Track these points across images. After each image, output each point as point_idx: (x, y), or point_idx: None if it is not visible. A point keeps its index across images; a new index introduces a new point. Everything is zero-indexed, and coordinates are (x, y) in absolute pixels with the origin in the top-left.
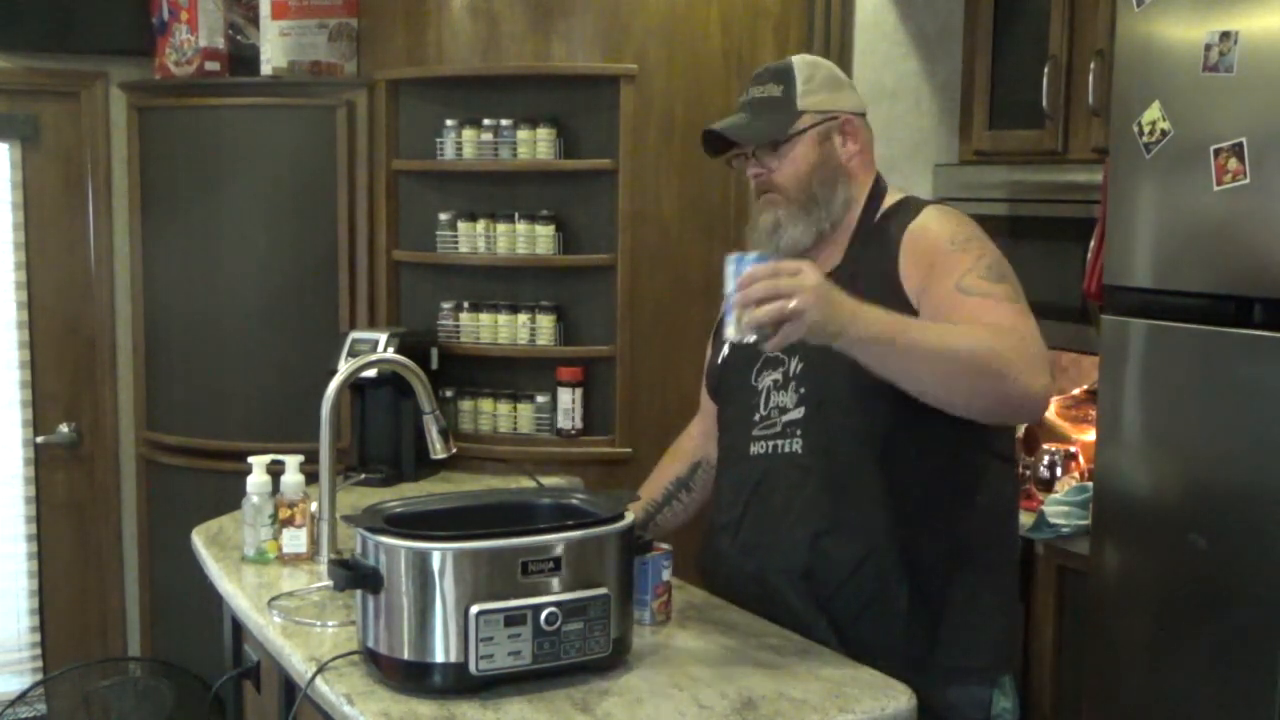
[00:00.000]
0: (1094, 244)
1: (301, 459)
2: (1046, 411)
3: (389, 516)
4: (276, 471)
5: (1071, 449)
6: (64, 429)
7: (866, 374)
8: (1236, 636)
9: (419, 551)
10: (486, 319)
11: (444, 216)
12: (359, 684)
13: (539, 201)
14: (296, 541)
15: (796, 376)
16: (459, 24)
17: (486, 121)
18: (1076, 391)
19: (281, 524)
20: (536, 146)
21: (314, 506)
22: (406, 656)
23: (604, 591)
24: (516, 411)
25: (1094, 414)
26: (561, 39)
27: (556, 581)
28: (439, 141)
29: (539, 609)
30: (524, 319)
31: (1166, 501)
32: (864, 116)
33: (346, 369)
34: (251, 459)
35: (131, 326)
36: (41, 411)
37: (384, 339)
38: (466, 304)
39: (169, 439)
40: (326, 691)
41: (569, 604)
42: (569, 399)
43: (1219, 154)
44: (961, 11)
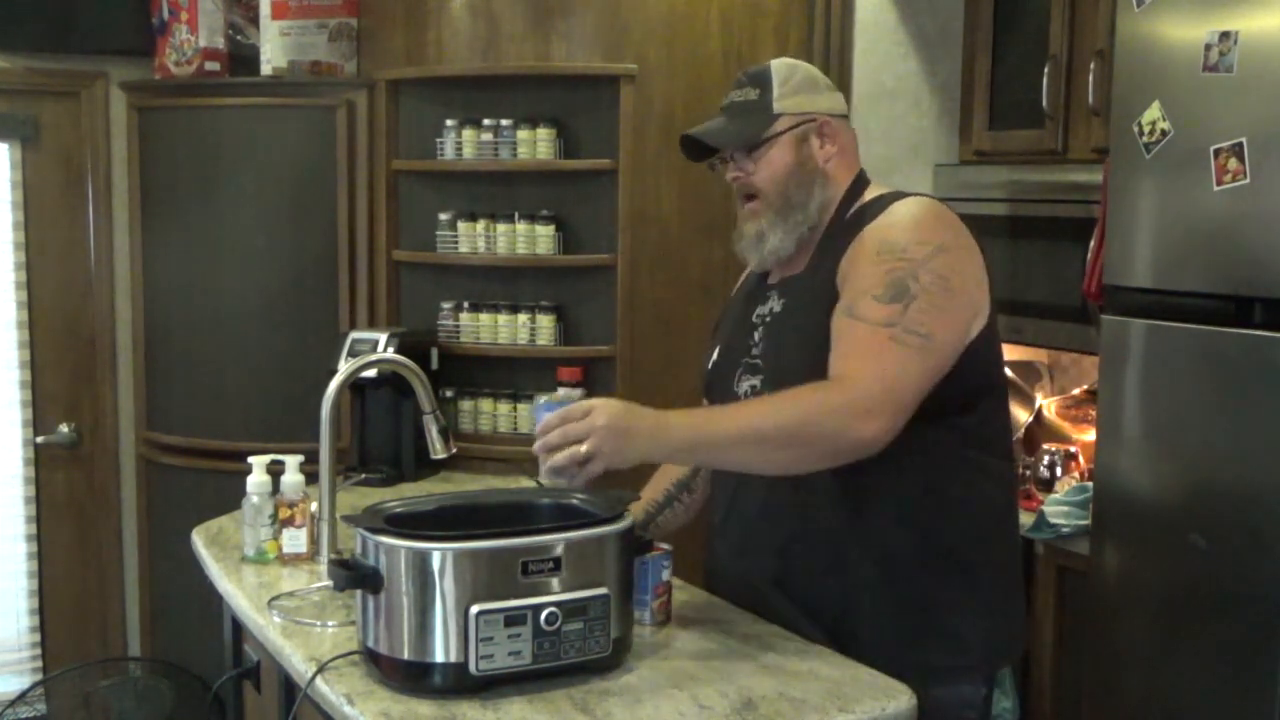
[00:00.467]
0: (1094, 244)
1: (301, 459)
2: (895, 434)
3: (389, 516)
4: (276, 471)
5: (1071, 449)
6: (64, 429)
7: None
8: (1236, 636)
9: (419, 551)
10: (486, 319)
11: (444, 216)
12: (359, 684)
13: (539, 201)
14: (296, 541)
15: (769, 381)
16: (459, 24)
17: (486, 121)
18: (1076, 391)
19: (281, 524)
20: (536, 146)
21: (314, 506)
22: (406, 656)
23: (604, 591)
24: (516, 411)
25: (1094, 414)
26: (561, 39)
27: (556, 581)
28: (439, 141)
29: (539, 609)
30: (524, 319)
31: (1166, 501)
32: (845, 118)
33: (346, 369)
34: (251, 459)
35: (131, 326)
36: (41, 411)
37: (384, 339)
38: (466, 304)
39: (169, 439)
40: (326, 691)
41: (569, 604)
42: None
43: (1219, 154)
44: (961, 11)
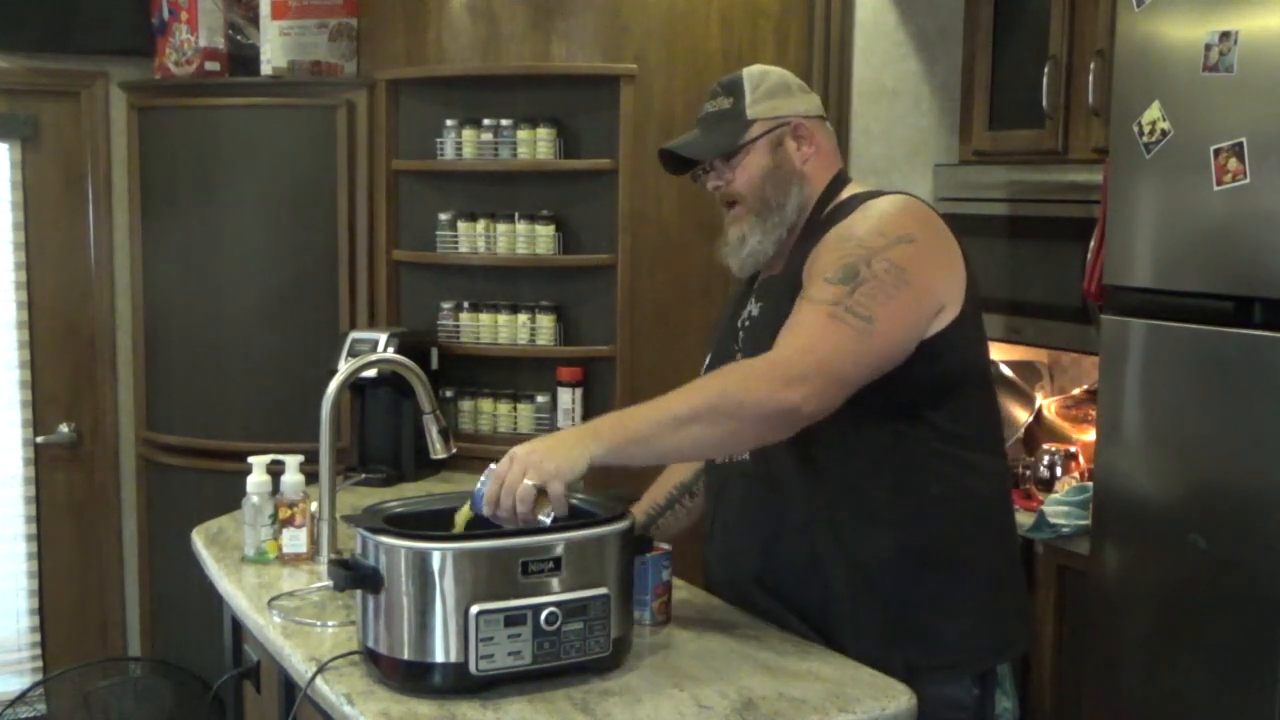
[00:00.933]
0: (1094, 244)
1: (301, 459)
2: (828, 406)
3: (389, 516)
4: (276, 471)
5: (1071, 449)
6: (64, 429)
7: None
8: (1236, 636)
9: (419, 551)
10: (486, 319)
11: (444, 216)
12: (359, 684)
13: (539, 201)
14: (296, 541)
15: None
16: (459, 24)
17: (486, 121)
18: (1076, 391)
19: (281, 524)
20: (536, 146)
21: (314, 506)
22: (406, 656)
23: (604, 591)
24: (516, 411)
25: (1094, 414)
26: (561, 39)
27: (556, 581)
28: (439, 141)
29: (539, 609)
30: (524, 319)
31: (1166, 501)
32: (821, 119)
33: (346, 369)
34: (251, 459)
35: (131, 326)
36: (41, 411)
37: (384, 339)
38: (466, 304)
39: (169, 439)
40: (326, 691)
41: (569, 604)
42: (569, 399)
43: (1219, 154)
44: (961, 11)
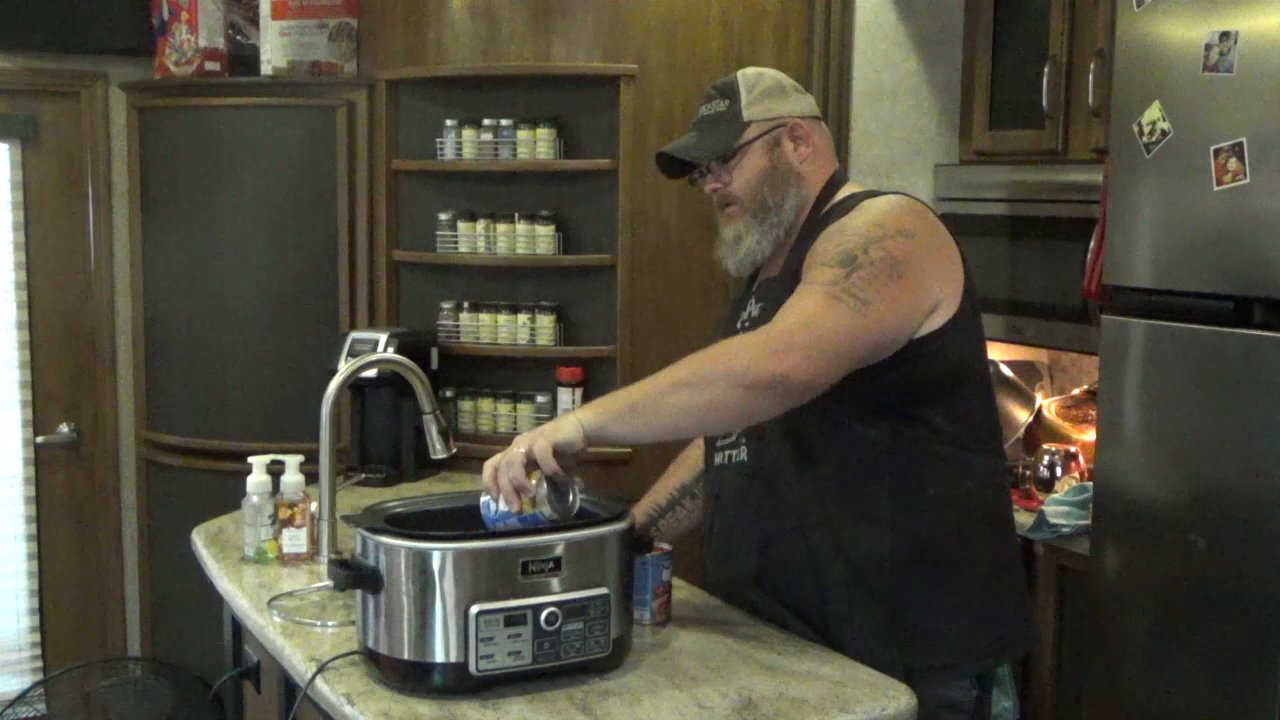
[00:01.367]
0: (1094, 244)
1: (301, 459)
2: (817, 379)
3: (389, 516)
4: (276, 471)
5: (1071, 449)
6: (64, 429)
7: None
8: (1236, 636)
9: (419, 551)
10: (486, 319)
11: (444, 216)
12: (359, 684)
13: (539, 201)
14: (296, 541)
15: None
16: (459, 24)
17: (486, 121)
18: (1076, 391)
19: (281, 524)
20: (536, 146)
21: (314, 506)
22: (406, 656)
23: (604, 591)
24: (516, 411)
25: (1094, 414)
26: (561, 39)
27: (556, 581)
28: (439, 141)
29: (539, 609)
30: (524, 319)
31: (1166, 501)
32: (817, 119)
33: (346, 369)
34: (251, 459)
35: (131, 326)
36: (41, 411)
37: (384, 339)
38: (466, 304)
39: (169, 439)
40: (326, 691)
41: (569, 604)
42: (569, 399)
43: (1219, 154)
44: (961, 11)
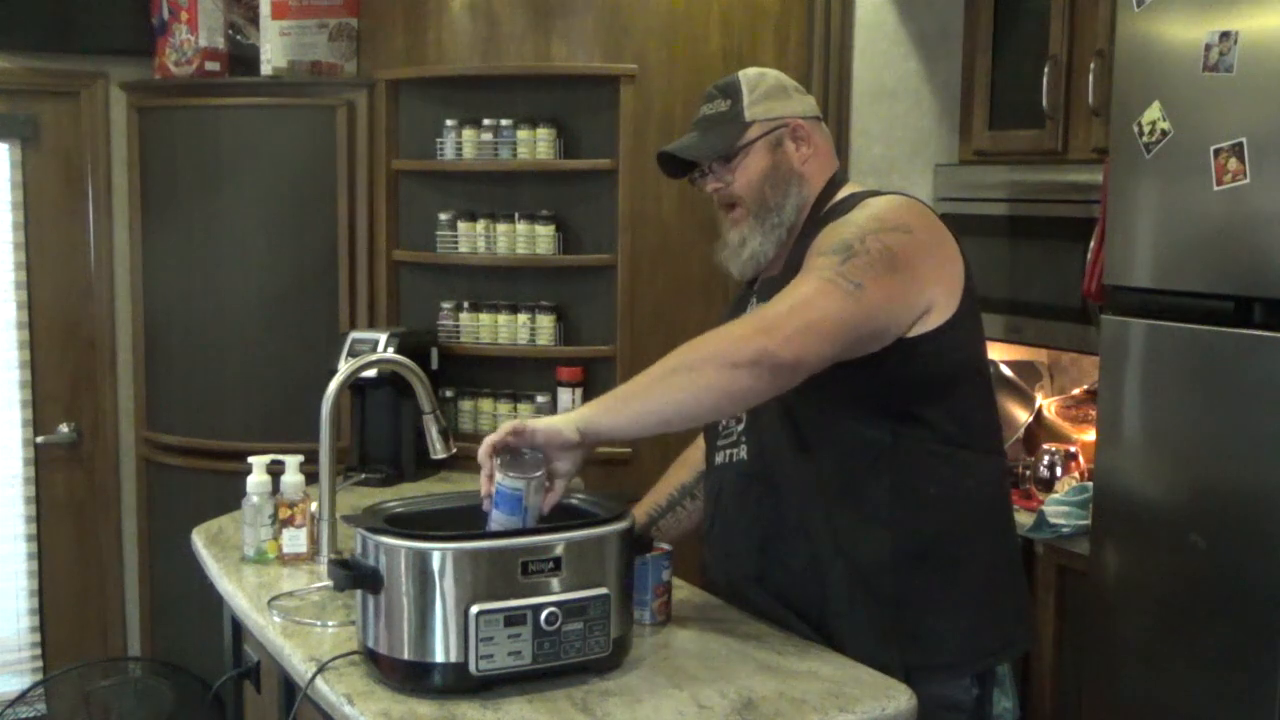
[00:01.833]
0: (1094, 244)
1: (301, 459)
2: (807, 358)
3: (389, 516)
4: (276, 471)
5: (1071, 449)
6: (64, 429)
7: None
8: (1236, 636)
9: (419, 551)
10: (486, 319)
11: (444, 216)
12: (359, 684)
13: (539, 201)
14: (296, 541)
15: None
16: (459, 24)
17: (486, 121)
18: (1076, 391)
19: (281, 524)
20: (536, 146)
21: (314, 506)
22: (406, 656)
23: (604, 591)
24: (516, 411)
25: (1094, 414)
26: (561, 39)
27: (556, 581)
28: (439, 141)
29: (539, 609)
30: (524, 319)
31: (1166, 501)
32: (818, 119)
33: (346, 369)
34: (251, 459)
35: (131, 326)
36: (41, 411)
37: (384, 339)
38: (466, 304)
39: (169, 439)
40: (326, 691)
41: (569, 604)
42: (569, 399)
43: (1219, 154)
44: (961, 11)
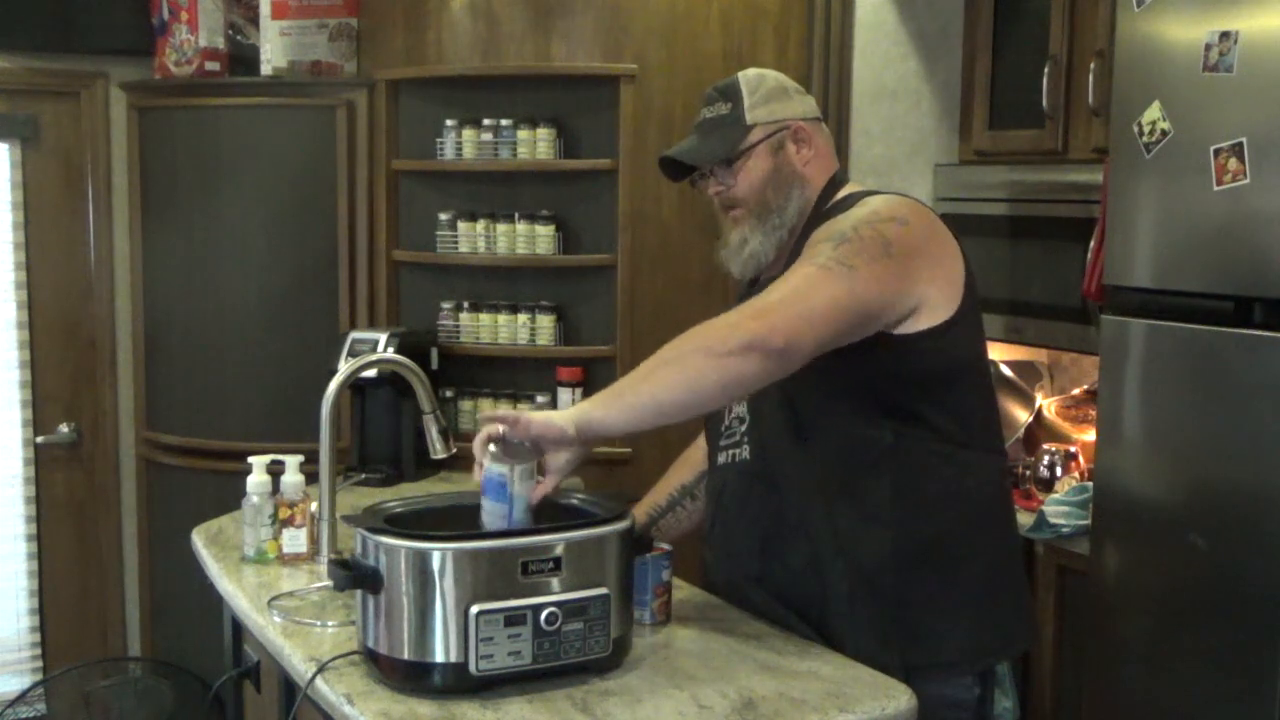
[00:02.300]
0: (1094, 244)
1: (301, 459)
2: (799, 342)
3: (389, 516)
4: (276, 471)
5: (1071, 449)
6: (64, 429)
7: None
8: (1236, 636)
9: (419, 551)
10: (486, 319)
11: (444, 216)
12: (359, 684)
13: (539, 201)
14: (296, 541)
15: None
16: (459, 24)
17: (486, 121)
18: (1076, 391)
19: (281, 524)
20: (536, 146)
21: (314, 506)
22: (406, 656)
23: (604, 591)
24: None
25: (1094, 414)
26: (561, 39)
27: (556, 581)
28: (439, 141)
29: (539, 609)
30: (524, 319)
31: (1166, 501)
32: (818, 120)
33: (346, 369)
34: (251, 459)
35: (131, 326)
36: (41, 411)
37: (384, 339)
38: (466, 304)
39: (169, 439)
40: (326, 691)
41: (569, 604)
42: (569, 399)
43: (1219, 154)
44: (961, 11)
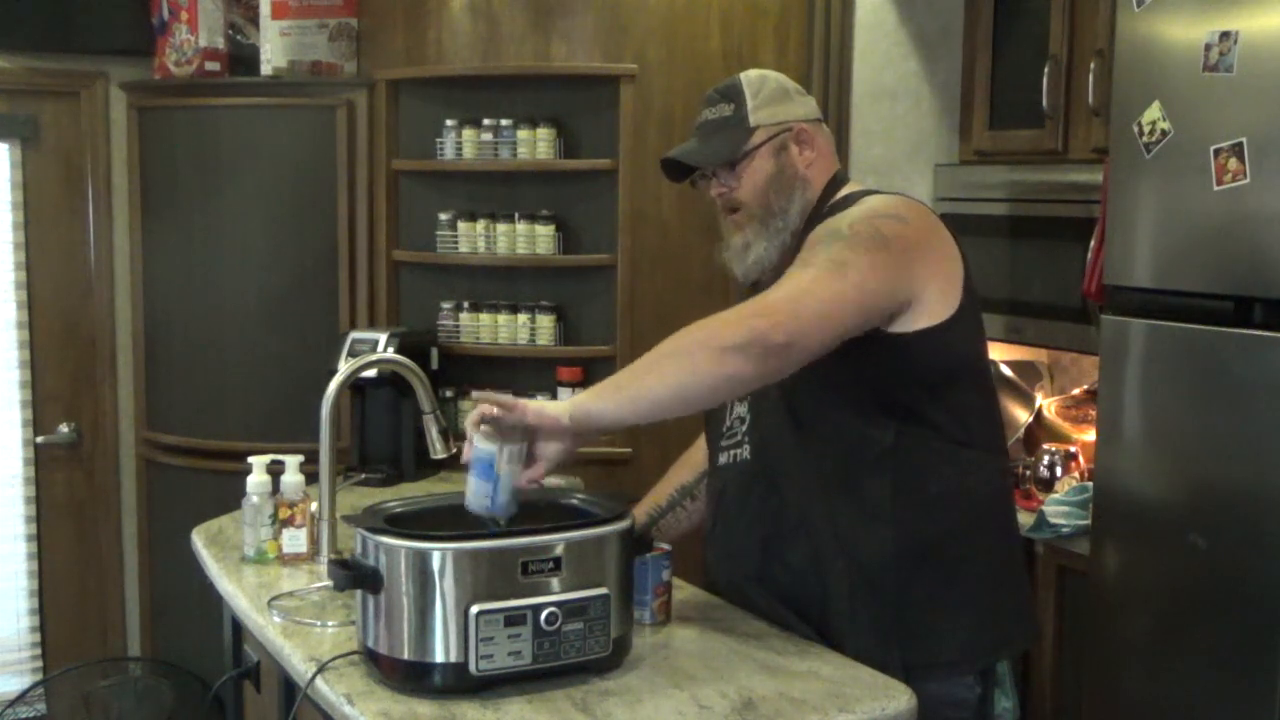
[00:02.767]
0: (1094, 244)
1: (301, 459)
2: (800, 339)
3: (389, 516)
4: (276, 471)
5: (1071, 449)
6: (64, 429)
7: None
8: (1236, 636)
9: (419, 551)
10: (486, 319)
11: (444, 216)
12: (359, 684)
13: (539, 201)
14: (296, 541)
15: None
16: (459, 24)
17: (486, 121)
18: (1076, 391)
19: (281, 524)
20: (536, 146)
21: (314, 506)
22: (406, 656)
23: (604, 591)
24: None
25: (1094, 414)
26: (561, 39)
27: (556, 581)
28: (439, 141)
29: (539, 609)
30: (524, 319)
31: (1166, 501)
32: (820, 122)
33: (346, 369)
34: (251, 459)
35: (131, 326)
36: (41, 411)
37: (384, 339)
38: (466, 304)
39: (169, 439)
40: (326, 691)
41: (569, 604)
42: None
43: (1219, 154)
44: (961, 11)
